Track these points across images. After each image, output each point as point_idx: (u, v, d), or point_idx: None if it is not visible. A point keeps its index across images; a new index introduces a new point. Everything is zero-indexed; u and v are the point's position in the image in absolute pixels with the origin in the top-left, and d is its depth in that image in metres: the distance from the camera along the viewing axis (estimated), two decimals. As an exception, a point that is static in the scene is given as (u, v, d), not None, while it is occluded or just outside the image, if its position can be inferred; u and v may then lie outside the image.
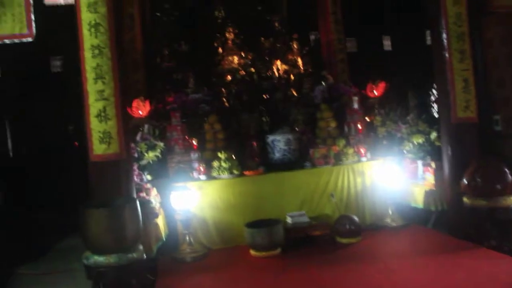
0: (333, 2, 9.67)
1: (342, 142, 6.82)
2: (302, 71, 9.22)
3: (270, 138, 6.63)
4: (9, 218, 7.10)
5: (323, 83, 8.44)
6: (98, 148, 4.74)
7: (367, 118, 7.62)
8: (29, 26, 4.76)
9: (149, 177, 6.57)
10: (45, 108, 9.51)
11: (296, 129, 7.27)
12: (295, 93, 8.77)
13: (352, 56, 15.69)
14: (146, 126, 6.76)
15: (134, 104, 7.24)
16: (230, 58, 9.42)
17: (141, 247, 4.49)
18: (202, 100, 7.72)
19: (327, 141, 7.23)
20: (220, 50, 9.69)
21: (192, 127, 7.42)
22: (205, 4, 10.63)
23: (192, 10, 10.74)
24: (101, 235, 4.13)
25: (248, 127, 7.11)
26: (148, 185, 6.07)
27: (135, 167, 5.89)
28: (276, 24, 10.31)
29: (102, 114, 4.72)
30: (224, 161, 6.35)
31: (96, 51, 4.71)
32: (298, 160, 6.67)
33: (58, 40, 9.32)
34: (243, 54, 9.47)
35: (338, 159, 6.66)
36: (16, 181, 8.54)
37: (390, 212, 6.38)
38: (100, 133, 4.72)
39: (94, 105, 4.72)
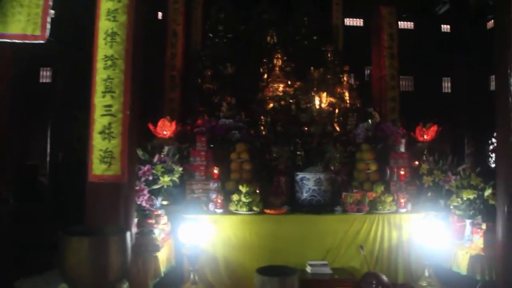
0: (389, 36, 8.98)
1: (380, 188, 6.05)
2: (348, 105, 8.56)
3: (299, 175, 5.98)
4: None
5: (370, 121, 7.70)
6: (97, 168, 4.31)
7: (412, 165, 6.79)
8: (42, 28, 4.45)
9: (165, 203, 6.15)
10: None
11: (332, 168, 6.55)
12: (338, 128, 8.13)
13: (406, 96, 14.88)
14: (166, 148, 6.33)
15: (160, 123, 6.86)
16: (275, 85, 8.98)
17: (126, 285, 3.94)
18: (234, 126, 7.20)
19: (364, 185, 6.48)
20: (265, 76, 9.25)
21: (218, 154, 6.93)
22: (259, 29, 10.34)
23: (245, 33, 10.50)
24: (79, 267, 3.62)
25: (279, 161, 6.47)
26: (160, 212, 5.60)
27: (145, 191, 5.42)
28: (329, 55, 9.79)
29: (107, 131, 4.30)
30: (245, 196, 5.76)
31: (109, 62, 4.33)
32: (328, 203, 5.97)
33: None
34: (289, 83, 9.01)
35: (373, 207, 5.88)
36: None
37: (426, 274, 5.49)
38: (101, 151, 4.29)
39: (99, 121, 4.32)
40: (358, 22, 16.49)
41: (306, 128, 7.15)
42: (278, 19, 10.37)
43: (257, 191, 6.16)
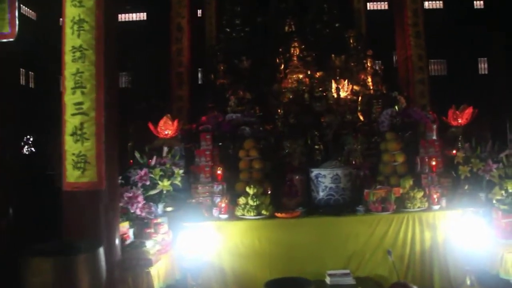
0: (413, 12, 8.10)
1: (409, 182, 5.26)
2: (372, 92, 7.76)
3: (314, 172, 5.26)
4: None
5: (396, 107, 6.89)
6: (71, 175, 3.73)
7: (446, 153, 5.95)
8: (11, 25, 3.96)
9: (169, 209, 5.57)
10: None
11: (353, 162, 5.80)
12: (361, 118, 7.36)
13: (438, 80, 13.91)
14: (165, 149, 5.74)
15: (161, 122, 6.28)
16: (294, 76, 8.30)
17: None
18: (243, 121, 6.54)
19: (391, 179, 5.69)
20: (282, 66, 8.59)
21: (227, 153, 6.31)
22: (277, 19, 9.74)
23: (263, 25, 9.92)
24: (40, 293, 3.06)
25: (292, 157, 5.77)
26: (160, 220, 5.03)
27: (140, 198, 4.84)
28: (351, 41, 9.05)
29: (78, 132, 3.71)
30: (252, 198, 5.10)
31: (77, 54, 3.74)
32: (348, 202, 5.23)
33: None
34: (309, 72, 8.31)
35: (401, 204, 5.10)
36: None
37: (468, 281, 4.65)
38: (74, 155, 3.71)
39: (70, 121, 3.74)
40: (383, 5, 15.59)
41: (322, 119, 6.37)
42: (297, 7, 9.74)
43: (268, 192, 5.51)
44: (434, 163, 5.39)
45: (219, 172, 5.42)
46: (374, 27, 10.81)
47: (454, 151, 6.02)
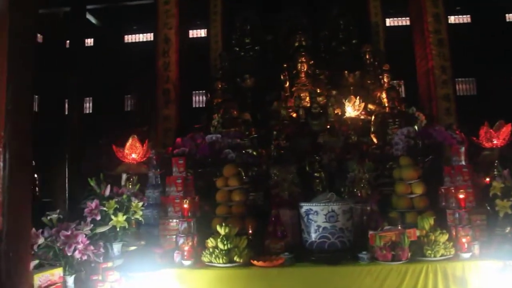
0: (435, 17, 6.93)
1: (429, 222, 4.02)
2: (387, 110, 6.59)
3: (304, 208, 4.06)
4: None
5: (416, 127, 5.69)
6: None
7: (479, 182, 4.69)
8: None
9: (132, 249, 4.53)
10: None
11: (359, 194, 4.58)
12: (375, 140, 6.20)
13: (467, 101, 12.54)
14: (123, 176, 4.69)
15: (128, 145, 5.24)
16: (302, 94, 7.29)
17: None
18: (228, 144, 5.44)
19: (406, 217, 4.46)
20: (287, 84, 7.58)
21: (207, 182, 5.22)
22: (289, 37, 8.89)
23: (273, 44, 9.09)
24: None
25: (281, 187, 4.59)
26: (110, 264, 3.95)
27: (80, 238, 3.75)
28: (367, 56, 8.02)
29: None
30: (223, 240, 3.94)
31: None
32: (348, 247, 3.99)
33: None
34: (318, 91, 7.29)
35: (418, 251, 3.84)
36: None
37: None
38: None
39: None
40: (404, 21, 14.44)
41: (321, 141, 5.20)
42: (310, 25, 9.04)
43: (249, 231, 4.34)
44: (462, 196, 4.11)
45: (185, 205, 4.28)
46: (395, 44, 9.69)
47: (488, 179, 4.77)
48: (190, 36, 14.61)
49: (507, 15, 13.52)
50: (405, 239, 3.73)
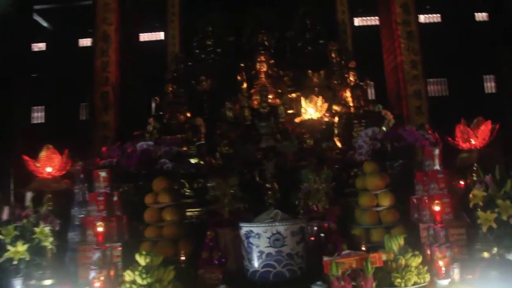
0: (403, 7, 6.27)
1: (398, 242, 3.24)
2: (352, 110, 5.89)
3: (243, 229, 3.25)
4: None
5: (383, 127, 4.97)
6: None
7: (455, 187, 4.00)
8: None
9: (48, 282, 3.71)
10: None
11: (315, 208, 3.79)
12: (339, 144, 5.49)
13: (438, 102, 12.06)
14: (28, 195, 3.82)
15: (43, 157, 4.36)
16: (259, 97, 6.47)
17: None
18: (164, 152, 4.59)
19: (373, 234, 3.70)
20: (245, 85, 6.83)
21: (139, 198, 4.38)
22: (252, 37, 8.23)
23: (235, 45, 8.33)
24: None
25: (220, 203, 3.77)
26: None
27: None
28: (333, 55, 7.34)
29: None
30: (141, 273, 3.09)
31: None
32: (300, 277, 3.20)
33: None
34: (279, 91, 6.60)
35: (385, 279, 3.07)
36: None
37: None
38: None
39: None
40: (374, 21, 13.93)
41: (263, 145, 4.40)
42: (276, 24, 8.38)
43: (182, 258, 3.52)
44: (438, 208, 3.36)
45: (99, 229, 3.42)
46: (365, 44, 9.09)
47: (464, 184, 4.09)
48: (148, 39, 13.88)
49: (477, 14, 13.13)
50: (369, 265, 2.94)
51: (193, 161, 5.23)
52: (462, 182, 4.20)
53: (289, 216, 3.33)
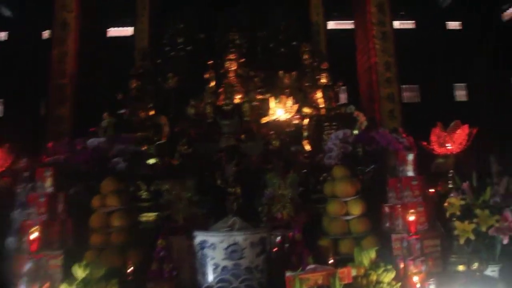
0: (378, 7, 6.03)
1: (369, 256, 2.93)
2: (322, 111, 5.61)
3: (198, 238, 2.88)
4: None
5: (355, 130, 4.69)
6: None
7: (429, 195, 3.74)
8: None
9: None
10: None
11: (280, 216, 3.45)
12: (308, 147, 5.20)
13: (410, 108, 11.99)
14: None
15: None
16: (229, 97, 6.14)
17: None
18: (118, 151, 4.18)
19: (341, 245, 3.39)
20: (212, 84, 6.48)
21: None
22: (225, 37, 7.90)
23: (207, 44, 7.95)
24: None
25: (174, 209, 3.39)
26: None
27: None
28: (306, 57, 7.05)
29: None
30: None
31: None
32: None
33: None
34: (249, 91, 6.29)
35: (355, 297, 2.75)
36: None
37: None
38: None
39: None
40: (350, 25, 13.79)
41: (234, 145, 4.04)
42: (249, 24, 8.12)
43: (128, 270, 3.12)
44: (413, 217, 3.08)
45: (33, 236, 2.98)
46: (339, 48, 8.83)
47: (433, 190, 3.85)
48: (118, 34, 13.35)
49: (449, 23, 13.18)
50: (337, 282, 2.62)
51: (152, 161, 4.86)
52: (435, 189, 3.97)
53: (249, 225, 2.97)
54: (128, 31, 13.11)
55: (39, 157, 4.58)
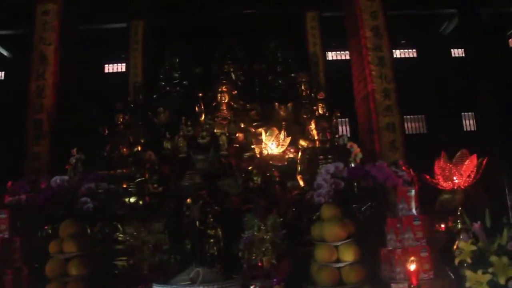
0: (373, 30, 5.69)
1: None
2: (317, 144, 5.21)
3: (156, 290, 2.41)
4: None
5: (351, 163, 4.24)
6: None
7: (436, 239, 3.26)
8: None
9: None
10: None
11: (260, 264, 2.97)
12: (302, 183, 4.78)
13: (416, 139, 11.56)
14: None
15: None
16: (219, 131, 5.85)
17: None
18: (87, 190, 3.76)
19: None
20: (202, 117, 6.21)
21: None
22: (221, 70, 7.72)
23: (203, 78, 7.90)
24: None
25: (139, 255, 2.93)
26: None
27: None
28: (303, 87, 6.76)
29: None
30: None
31: None
32: None
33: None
34: (242, 125, 6.09)
35: None
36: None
37: None
38: None
39: None
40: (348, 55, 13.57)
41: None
42: (246, 56, 8.05)
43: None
44: (413, 266, 2.59)
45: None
46: (339, 79, 8.50)
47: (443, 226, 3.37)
48: (111, 70, 13.19)
49: (453, 50, 12.87)
50: None
51: (132, 199, 4.44)
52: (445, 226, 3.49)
53: (218, 276, 2.50)
54: (122, 66, 13.00)
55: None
